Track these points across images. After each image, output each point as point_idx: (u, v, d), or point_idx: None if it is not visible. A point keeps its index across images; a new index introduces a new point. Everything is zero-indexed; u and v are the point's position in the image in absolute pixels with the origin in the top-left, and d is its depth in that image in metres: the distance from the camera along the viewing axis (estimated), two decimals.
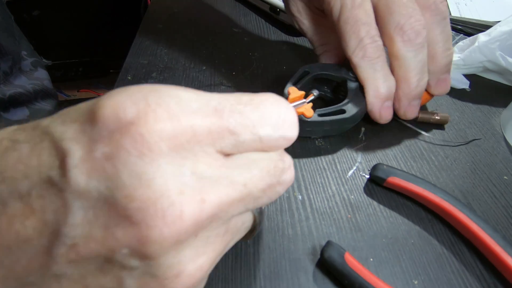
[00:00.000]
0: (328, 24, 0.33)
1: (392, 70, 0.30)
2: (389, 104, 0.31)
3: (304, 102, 0.30)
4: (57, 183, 0.13)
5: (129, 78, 0.40)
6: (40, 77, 0.57)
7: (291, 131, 0.17)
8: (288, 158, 0.18)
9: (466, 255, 0.25)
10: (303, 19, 0.36)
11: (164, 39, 0.46)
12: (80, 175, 0.13)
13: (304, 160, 0.31)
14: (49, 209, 0.13)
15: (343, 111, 0.30)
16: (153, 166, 0.13)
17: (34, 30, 1.05)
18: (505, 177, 0.30)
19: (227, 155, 0.15)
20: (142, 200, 0.12)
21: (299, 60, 0.43)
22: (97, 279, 0.14)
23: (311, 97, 0.32)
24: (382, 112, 0.31)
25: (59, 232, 0.13)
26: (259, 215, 0.19)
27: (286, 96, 0.30)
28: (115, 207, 0.13)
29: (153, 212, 0.13)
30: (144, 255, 0.13)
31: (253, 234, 0.20)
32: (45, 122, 0.14)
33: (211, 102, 0.15)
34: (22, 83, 0.53)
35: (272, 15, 0.50)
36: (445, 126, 0.34)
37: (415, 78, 0.30)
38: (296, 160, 0.30)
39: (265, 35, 0.48)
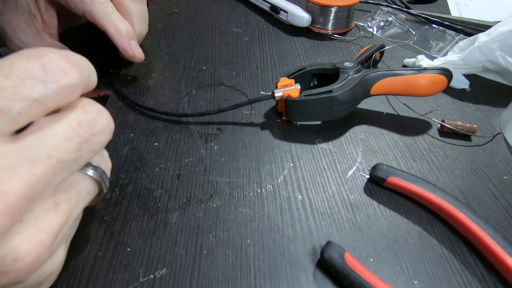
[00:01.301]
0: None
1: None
2: (135, 43, 0.36)
3: (292, 87, 0.32)
4: None
5: (129, 78, 0.40)
6: None
7: (64, 77, 0.15)
8: (93, 107, 0.16)
9: (466, 255, 0.25)
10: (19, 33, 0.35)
11: (164, 39, 0.46)
12: None
13: (304, 160, 0.31)
14: None
15: (330, 91, 0.31)
16: None
17: None
18: (505, 177, 0.30)
19: (14, 134, 0.14)
20: None
21: (299, 60, 0.43)
22: None
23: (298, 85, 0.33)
24: (134, 50, 0.36)
25: None
26: (100, 176, 0.18)
27: (275, 84, 0.33)
28: None
29: None
30: None
31: (101, 196, 0.19)
32: None
33: None
34: None
35: (273, 15, 0.50)
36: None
37: (138, 25, 0.37)
38: (296, 160, 0.31)
39: (265, 35, 0.48)
